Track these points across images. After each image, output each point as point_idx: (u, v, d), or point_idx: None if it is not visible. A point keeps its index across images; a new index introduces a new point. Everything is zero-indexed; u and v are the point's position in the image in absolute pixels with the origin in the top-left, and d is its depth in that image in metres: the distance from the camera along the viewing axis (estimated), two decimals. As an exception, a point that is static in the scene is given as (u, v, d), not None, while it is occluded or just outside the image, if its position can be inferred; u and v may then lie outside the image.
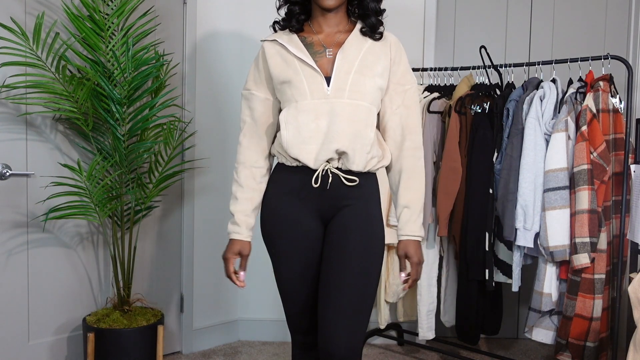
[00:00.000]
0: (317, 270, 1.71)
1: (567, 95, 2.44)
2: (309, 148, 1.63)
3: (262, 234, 1.80)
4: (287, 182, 1.70)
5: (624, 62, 2.34)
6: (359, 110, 1.63)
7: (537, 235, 2.45)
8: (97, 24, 2.39)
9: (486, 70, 2.72)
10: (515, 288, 2.54)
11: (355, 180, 1.66)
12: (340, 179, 1.65)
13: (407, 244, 1.70)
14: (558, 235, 2.37)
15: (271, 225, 1.75)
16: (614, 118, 2.42)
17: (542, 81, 2.54)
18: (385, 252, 2.73)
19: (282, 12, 1.80)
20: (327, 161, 1.64)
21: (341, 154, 1.64)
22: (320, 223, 1.71)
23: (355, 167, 1.65)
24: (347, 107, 1.62)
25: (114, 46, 2.41)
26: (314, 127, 1.62)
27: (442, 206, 2.67)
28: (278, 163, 1.76)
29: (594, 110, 2.36)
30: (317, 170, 1.65)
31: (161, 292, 2.94)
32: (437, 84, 2.95)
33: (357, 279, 1.62)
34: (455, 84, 2.86)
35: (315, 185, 1.65)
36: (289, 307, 1.78)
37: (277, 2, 1.78)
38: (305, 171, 1.66)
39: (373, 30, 1.70)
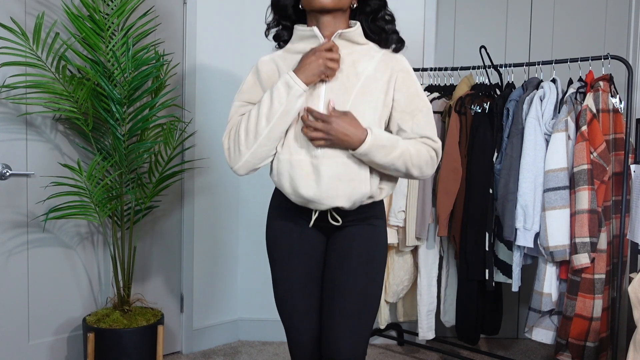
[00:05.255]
0: (318, 287, 1.69)
1: (567, 95, 2.44)
2: (304, 200, 1.58)
3: (266, 248, 1.75)
4: (288, 203, 1.65)
5: (624, 62, 2.34)
6: (352, 169, 1.54)
7: (537, 235, 2.45)
8: (97, 24, 2.39)
9: (486, 70, 2.72)
10: (515, 288, 2.54)
11: (339, 221, 1.61)
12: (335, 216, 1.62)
13: (355, 120, 1.51)
14: (558, 235, 2.37)
15: (274, 242, 1.71)
16: (614, 118, 2.42)
17: (542, 81, 2.54)
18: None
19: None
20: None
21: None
22: (323, 237, 1.69)
23: (351, 211, 1.62)
24: (341, 167, 1.53)
25: (114, 46, 2.41)
26: (310, 184, 1.55)
27: (442, 206, 2.67)
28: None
29: (594, 110, 2.36)
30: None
31: (161, 292, 2.94)
32: (437, 84, 2.95)
33: (359, 298, 1.61)
34: (455, 84, 2.86)
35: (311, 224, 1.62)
36: (289, 323, 1.71)
37: (266, 28, 1.72)
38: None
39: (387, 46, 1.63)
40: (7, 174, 2.36)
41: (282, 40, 1.69)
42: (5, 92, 2.38)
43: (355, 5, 1.62)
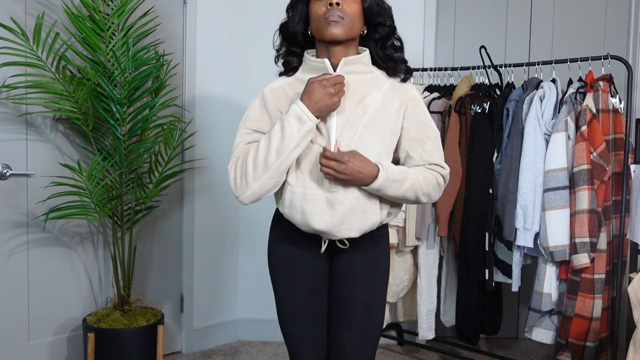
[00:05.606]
0: (323, 305, 1.67)
1: (567, 95, 2.44)
2: (315, 232, 1.57)
3: (269, 268, 1.72)
4: (293, 229, 1.63)
5: (624, 62, 2.34)
6: (364, 201, 1.55)
7: (537, 235, 2.45)
8: (97, 24, 2.39)
9: (486, 70, 2.72)
10: (515, 288, 2.54)
11: (347, 245, 1.61)
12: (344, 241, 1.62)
13: (365, 158, 1.50)
14: (558, 235, 2.37)
15: (277, 261, 1.69)
16: (614, 118, 2.42)
17: (542, 81, 2.54)
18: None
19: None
20: None
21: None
22: (327, 253, 1.67)
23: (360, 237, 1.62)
24: (354, 201, 1.53)
25: (114, 46, 2.41)
26: (323, 217, 1.54)
27: (442, 206, 2.67)
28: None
29: (594, 110, 2.36)
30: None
31: (161, 292, 2.94)
32: (437, 84, 2.95)
33: (364, 310, 1.62)
34: (455, 84, 2.86)
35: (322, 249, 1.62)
36: (293, 342, 1.68)
37: (276, 54, 1.67)
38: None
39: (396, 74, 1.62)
40: (7, 174, 2.36)
41: (291, 67, 1.65)
42: (5, 92, 2.38)
43: (365, 32, 1.60)
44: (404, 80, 1.63)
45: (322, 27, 1.52)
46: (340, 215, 1.53)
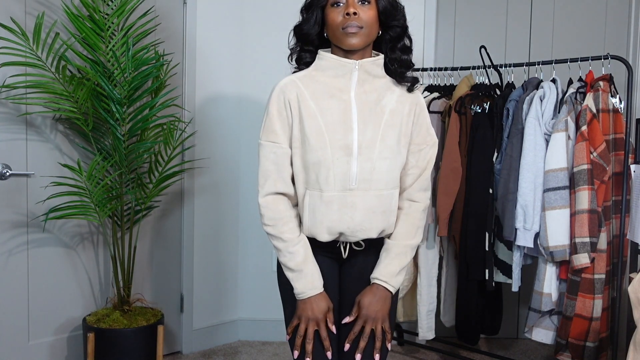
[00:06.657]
0: (335, 316, 1.64)
1: (567, 95, 2.44)
2: (336, 236, 1.58)
3: (279, 287, 1.72)
4: None
5: (624, 62, 2.34)
6: (385, 200, 1.57)
7: (537, 235, 2.45)
8: (97, 24, 2.39)
9: (486, 70, 2.72)
10: (515, 288, 2.54)
11: (362, 246, 1.62)
12: (359, 242, 1.62)
13: (366, 290, 1.58)
14: (558, 235, 2.37)
15: (288, 287, 1.65)
16: (614, 118, 2.42)
17: (542, 81, 2.54)
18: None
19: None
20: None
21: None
22: (336, 264, 1.67)
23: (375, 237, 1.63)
24: (375, 200, 1.56)
25: (114, 46, 2.41)
26: (344, 218, 1.55)
27: (442, 206, 2.67)
28: None
29: (594, 110, 2.36)
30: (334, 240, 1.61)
31: (161, 292, 2.94)
32: (437, 84, 2.95)
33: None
34: (455, 84, 2.86)
35: (344, 254, 1.62)
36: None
37: (290, 50, 1.66)
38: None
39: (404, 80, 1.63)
40: (7, 174, 2.36)
41: (303, 62, 1.65)
42: (5, 92, 2.38)
43: (379, 33, 1.61)
44: (409, 90, 1.64)
45: (340, 37, 1.53)
46: (361, 214, 1.55)
